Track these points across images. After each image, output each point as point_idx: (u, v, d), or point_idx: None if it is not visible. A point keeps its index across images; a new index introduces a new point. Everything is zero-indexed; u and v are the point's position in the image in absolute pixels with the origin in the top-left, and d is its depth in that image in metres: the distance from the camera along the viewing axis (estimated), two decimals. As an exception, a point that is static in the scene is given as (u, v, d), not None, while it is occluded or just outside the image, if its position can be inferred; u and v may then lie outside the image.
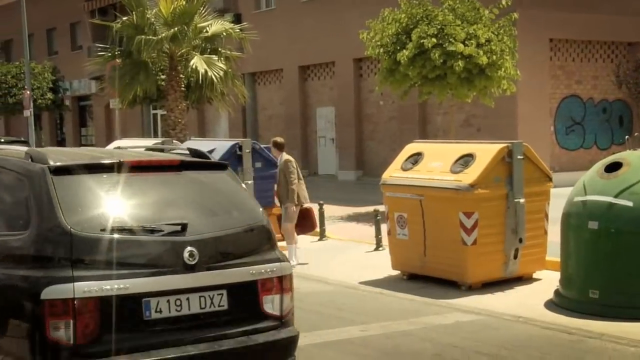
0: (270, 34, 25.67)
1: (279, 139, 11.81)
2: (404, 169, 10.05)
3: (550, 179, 9.89)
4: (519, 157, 9.32)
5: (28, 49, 28.04)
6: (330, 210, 14.87)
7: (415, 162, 10.01)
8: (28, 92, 26.92)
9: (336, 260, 11.65)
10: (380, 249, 11.96)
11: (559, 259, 8.76)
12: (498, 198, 9.27)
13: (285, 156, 11.42)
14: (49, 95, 30.89)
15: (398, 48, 15.05)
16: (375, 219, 12.22)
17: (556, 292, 8.63)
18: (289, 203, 11.17)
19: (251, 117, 28.85)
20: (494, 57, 14.88)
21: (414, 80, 15.30)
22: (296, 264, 11.00)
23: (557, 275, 8.84)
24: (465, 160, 9.40)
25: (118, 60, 18.72)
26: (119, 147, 16.21)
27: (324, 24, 25.17)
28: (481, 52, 14.62)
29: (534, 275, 9.81)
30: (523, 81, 17.10)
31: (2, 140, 23.24)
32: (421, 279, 9.79)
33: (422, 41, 14.60)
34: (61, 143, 41.05)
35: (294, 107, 26.89)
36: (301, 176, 11.47)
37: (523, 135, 17.88)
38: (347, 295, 9.43)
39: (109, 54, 18.72)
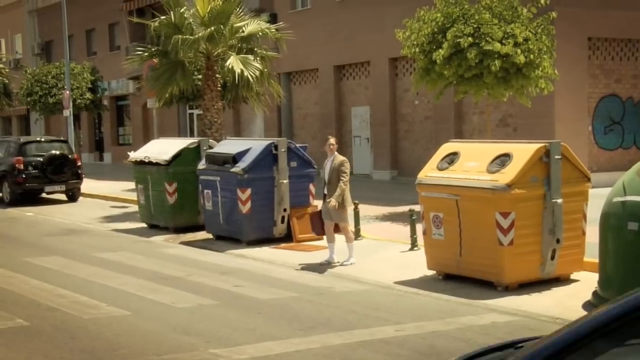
0: (305, 33, 25.72)
1: (332, 139, 12.03)
2: (440, 169, 10.01)
3: (589, 179, 9.79)
4: (556, 157, 9.23)
5: (68, 50, 28.39)
6: (365, 209, 14.86)
7: (451, 162, 9.97)
8: (67, 92, 27.27)
9: (371, 259, 11.64)
10: (416, 248, 11.93)
11: (597, 260, 8.66)
12: (535, 198, 9.20)
13: (340, 157, 11.57)
14: (88, 95, 31.23)
15: (434, 47, 14.98)
16: (410, 218, 12.19)
17: (594, 293, 8.53)
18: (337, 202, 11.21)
19: (286, 117, 28.93)
20: (532, 56, 14.74)
21: (449, 80, 15.22)
22: (355, 262, 11.12)
23: (595, 276, 8.74)
24: (502, 160, 9.34)
25: (155, 60, 18.89)
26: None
27: (359, 23, 25.15)
28: (519, 51, 14.49)
29: (572, 277, 9.71)
30: (561, 80, 16.91)
31: (43, 139, 23.63)
32: (457, 279, 9.75)
33: (458, 40, 14.52)
34: (99, 142, 41.56)
35: (329, 107, 26.92)
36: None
37: (560, 135, 17.68)
38: (382, 295, 9.43)
39: (147, 53, 18.90)
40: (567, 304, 8.56)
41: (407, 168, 23.68)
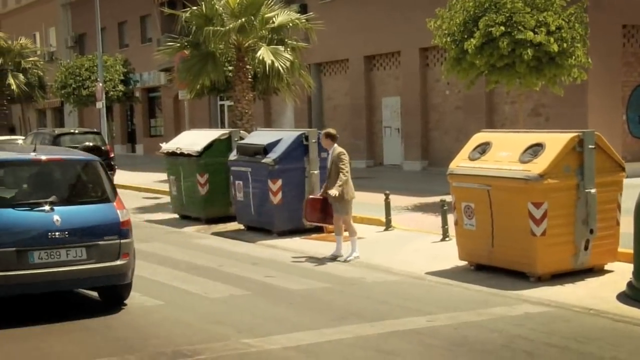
0: (335, 24, 25.66)
1: (332, 130, 11.59)
2: (472, 159, 9.95)
3: (623, 169, 9.67)
4: (590, 146, 9.13)
5: (101, 43, 28.64)
6: (396, 200, 14.83)
7: (483, 152, 9.90)
8: (100, 85, 27.53)
9: (402, 250, 11.62)
10: (447, 239, 11.88)
11: (631, 251, 8.57)
12: (568, 188, 9.11)
13: (338, 148, 11.25)
14: (120, 87, 31.51)
15: (465, 37, 14.88)
16: (441, 209, 12.14)
17: (629, 284, 8.44)
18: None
19: (317, 108, 28.93)
20: (565, 44, 14.58)
21: (481, 69, 15.11)
22: (359, 256, 11.02)
23: (629, 267, 8.65)
24: (535, 149, 9.26)
25: (186, 52, 18.99)
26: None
27: (389, 13, 25.03)
28: (551, 40, 14.33)
29: (606, 267, 9.62)
30: (594, 69, 16.69)
31: (77, 131, 23.91)
32: (489, 269, 9.70)
33: (490, 29, 14.40)
34: (131, 134, 41.92)
35: (359, 97, 26.86)
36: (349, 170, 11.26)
37: (593, 124, 17.45)
38: (413, 286, 9.41)
39: (178, 45, 19.00)
40: (601, 294, 8.48)
41: (437, 158, 23.57)
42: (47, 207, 7.89)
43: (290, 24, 18.45)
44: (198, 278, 9.98)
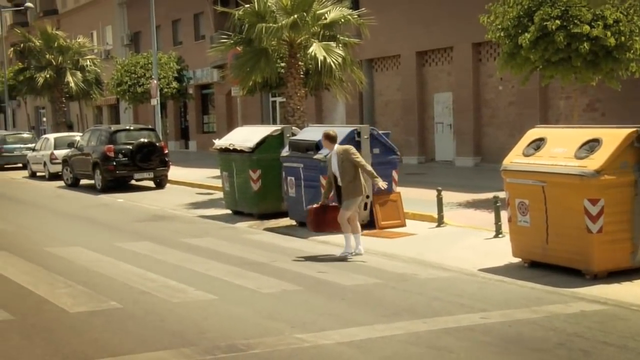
0: (387, 19, 25.59)
1: (332, 132, 11.45)
2: (526, 155, 9.84)
3: (683, 165, 9.43)
4: (649, 142, 8.94)
5: (155, 40, 29.06)
6: (448, 196, 14.75)
7: (537, 148, 9.78)
8: (155, 82, 27.95)
9: (455, 246, 11.55)
10: (500, 235, 11.77)
11: (691, 249, 8.37)
12: (626, 185, 8.94)
13: (342, 146, 11.12)
14: (174, 84, 31.95)
15: (519, 31, 14.68)
16: (494, 205, 12.03)
17: (688, 283, 8.26)
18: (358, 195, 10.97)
19: (368, 104, 28.89)
20: (623, 38, 14.27)
21: (535, 64, 14.89)
22: (361, 252, 10.93)
23: (689, 265, 8.45)
24: (591, 145, 9.11)
25: (239, 48, 19.14)
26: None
27: (442, 8, 24.86)
28: (609, 34, 14.06)
29: (665, 266, 9.41)
30: (653, 63, 16.31)
31: (132, 127, 24.33)
32: (543, 266, 9.58)
33: (545, 23, 14.18)
34: (184, 131, 42.45)
35: (411, 93, 26.74)
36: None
37: (652, 120, 17.08)
38: (466, 282, 9.36)
39: (231, 42, 19.17)
40: (659, 293, 8.31)
41: (490, 154, 23.34)
42: None
43: (342, 20, 18.45)
44: (251, 273, 10.07)
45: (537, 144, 9.84)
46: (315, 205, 11.65)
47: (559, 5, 14.28)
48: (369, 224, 13.28)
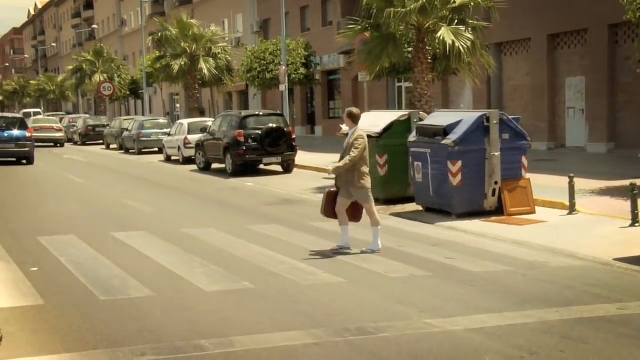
0: (518, 2, 24.94)
1: (355, 110, 10.71)
2: (667, 141, 9.42)
3: None
4: None
5: (284, 27, 29.55)
6: (580, 183, 14.29)
7: (679, 134, 9.34)
8: (284, 68, 28.43)
9: (587, 235, 11.21)
10: (637, 225, 11.33)
11: None
12: None
13: (358, 132, 10.48)
14: (302, 70, 32.44)
15: (662, 11, 14.02)
16: (631, 193, 11.57)
17: None
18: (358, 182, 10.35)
19: (496, 88, 28.30)
20: None
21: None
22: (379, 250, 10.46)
23: None
24: None
25: (367, 34, 19.19)
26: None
27: (576, -12, 23.99)
28: None
29: None
30: None
31: (261, 113, 24.90)
32: (684, 258, 9.17)
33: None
34: (311, 116, 43.02)
35: (541, 78, 25.98)
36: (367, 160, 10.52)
37: None
38: (600, 272, 9.08)
39: (359, 27, 19.25)
40: None
41: (625, 141, 22.40)
42: None
43: (472, 4, 18.15)
44: (378, 257, 10.15)
45: (680, 130, 9.40)
46: (333, 189, 10.98)
47: None
48: (497, 210, 13.09)
